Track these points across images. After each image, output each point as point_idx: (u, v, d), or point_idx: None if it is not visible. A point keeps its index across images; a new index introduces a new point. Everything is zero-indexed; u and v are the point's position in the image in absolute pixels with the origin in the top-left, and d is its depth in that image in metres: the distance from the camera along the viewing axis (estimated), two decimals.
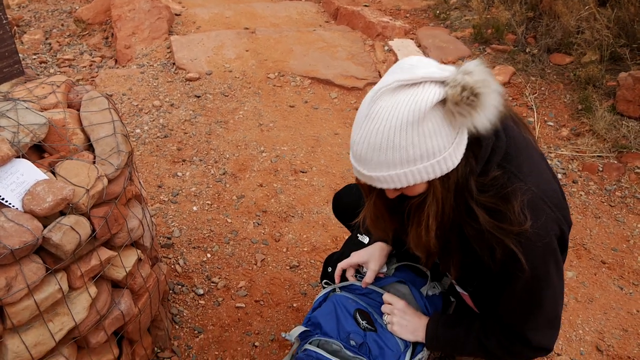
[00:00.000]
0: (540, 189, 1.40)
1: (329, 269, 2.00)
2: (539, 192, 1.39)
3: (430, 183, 1.36)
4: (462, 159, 1.34)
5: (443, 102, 1.24)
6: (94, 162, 1.75)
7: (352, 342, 1.68)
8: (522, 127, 1.54)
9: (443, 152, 1.28)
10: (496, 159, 1.39)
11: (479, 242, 1.44)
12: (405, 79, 1.24)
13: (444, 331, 1.70)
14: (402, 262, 1.92)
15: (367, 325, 1.74)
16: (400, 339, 1.72)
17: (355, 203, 2.12)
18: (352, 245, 2.00)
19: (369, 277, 1.83)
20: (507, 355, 1.60)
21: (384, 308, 1.79)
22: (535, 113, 4.18)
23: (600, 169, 3.66)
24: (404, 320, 1.74)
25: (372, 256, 1.87)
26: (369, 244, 1.94)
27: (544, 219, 1.39)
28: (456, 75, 1.23)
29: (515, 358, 1.61)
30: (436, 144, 1.26)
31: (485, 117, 1.24)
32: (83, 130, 1.84)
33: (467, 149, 1.34)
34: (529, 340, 1.53)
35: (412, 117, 1.22)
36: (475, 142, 1.36)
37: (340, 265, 1.92)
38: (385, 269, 1.89)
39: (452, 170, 1.33)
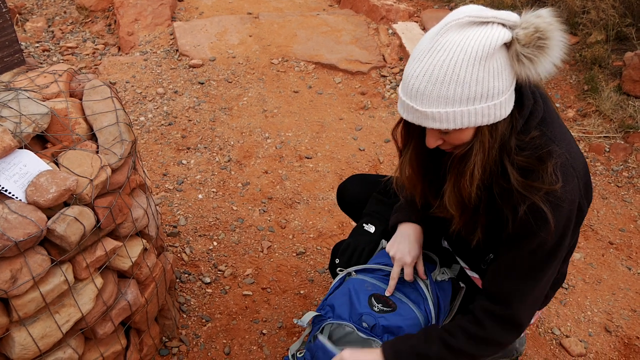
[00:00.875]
0: (572, 156, 1.42)
1: (337, 261, 1.99)
2: (570, 159, 1.40)
3: (478, 131, 1.35)
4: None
5: (508, 46, 1.27)
6: (97, 152, 1.74)
7: (365, 324, 1.67)
8: (550, 101, 1.55)
9: (501, 97, 1.29)
10: (534, 121, 1.41)
11: (505, 201, 1.44)
12: (475, 16, 1.25)
13: (402, 345, 1.59)
14: None
15: (382, 307, 1.72)
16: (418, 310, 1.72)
17: (359, 195, 2.12)
18: (358, 235, 1.98)
19: (421, 271, 1.79)
20: (475, 345, 1.53)
21: None
22: None
23: (607, 150, 3.63)
24: (356, 354, 1.61)
25: (417, 256, 1.80)
26: (374, 233, 1.93)
27: (572, 185, 1.39)
28: (528, 17, 1.25)
29: (482, 345, 1.54)
30: (497, 85, 1.27)
31: (549, 64, 1.26)
32: (86, 120, 1.83)
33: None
34: (509, 306, 1.49)
35: (481, 52, 1.23)
36: (517, 101, 1.38)
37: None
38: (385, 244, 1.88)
39: (501, 122, 1.35)
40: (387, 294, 1.74)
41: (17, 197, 1.51)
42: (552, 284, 1.80)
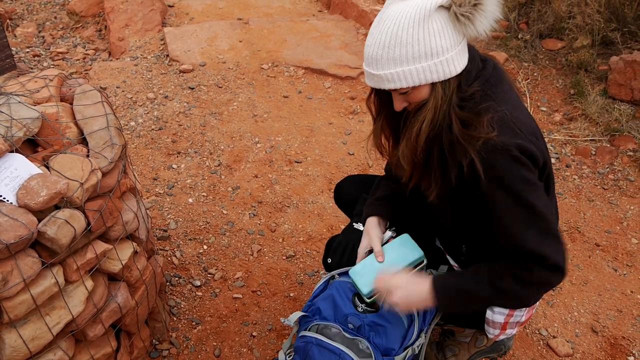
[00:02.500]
0: (513, 115, 1.50)
1: (329, 260, 2.02)
2: (510, 116, 1.49)
3: (433, 87, 1.49)
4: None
5: (448, 10, 1.41)
6: (87, 156, 1.75)
7: (350, 325, 1.70)
8: (510, 79, 1.65)
9: (446, 54, 1.43)
10: (479, 82, 1.52)
11: (452, 155, 1.54)
12: None
13: (452, 284, 1.65)
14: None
15: (366, 307, 1.76)
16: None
17: (357, 193, 2.17)
18: (349, 233, 2.04)
19: (378, 252, 1.82)
20: (525, 288, 1.56)
21: (379, 296, 1.74)
22: (528, 98, 4.19)
23: (593, 153, 3.68)
24: (406, 293, 1.66)
25: (370, 238, 1.88)
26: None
27: (510, 135, 1.46)
28: None
29: (533, 289, 1.58)
30: (439, 44, 1.41)
31: (486, 20, 1.40)
32: (76, 124, 1.85)
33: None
34: (540, 254, 1.50)
35: (418, 16, 1.39)
36: (467, 64, 1.51)
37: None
38: (389, 235, 1.90)
39: (453, 78, 1.48)
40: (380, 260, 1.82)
41: (8, 200, 1.52)
42: None
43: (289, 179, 3.41)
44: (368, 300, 1.74)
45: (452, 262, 1.92)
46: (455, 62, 1.45)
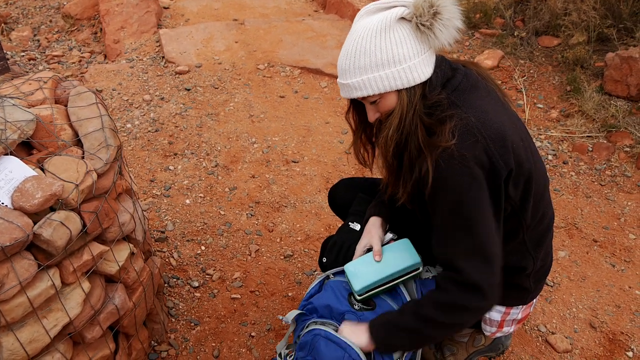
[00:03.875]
0: (480, 121, 1.51)
1: (324, 260, 2.02)
2: (476, 122, 1.50)
3: (399, 96, 1.54)
4: (424, 82, 1.54)
5: (411, 20, 1.47)
6: (82, 157, 1.75)
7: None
8: (491, 82, 1.68)
9: (409, 61, 1.49)
10: (446, 91, 1.56)
11: (414, 160, 1.58)
12: (380, 3, 1.52)
13: (380, 320, 1.68)
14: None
15: (362, 305, 1.76)
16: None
17: (351, 197, 2.17)
18: (344, 233, 2.04)
19: (377, 251, 1.83)
20: (445, 313, 1.57)
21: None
22: (524, 96, 4.20)
23: (590, 149, 3.68)
24: (351, 328, 1.70)
25: (371, 237, 1.90)
26: (360, 231, 1.97)
27: (471, 143, 1.48)
28: None
29: (456, 314, 1.58)
30: (402, 52, 1.48)
31: (447, 30, 1.46)
32: (71, 126, 1.84)
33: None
34: (459, 269, 1.53)
35: (380, 26, 1.48)
36: (433, 73, 1.56)
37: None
38: (389, 237, 1.91)
39: (418, 86, 1.53)
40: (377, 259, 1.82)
41: (3, 203, 1.52)
42: (535, 278, 1.84)
43: (286, 179, 3.41)
44: (359, 298, 1.74)
45: None
46: (418, 70, 1.50)
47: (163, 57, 4.68)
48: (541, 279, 1.89)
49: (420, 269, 1.80)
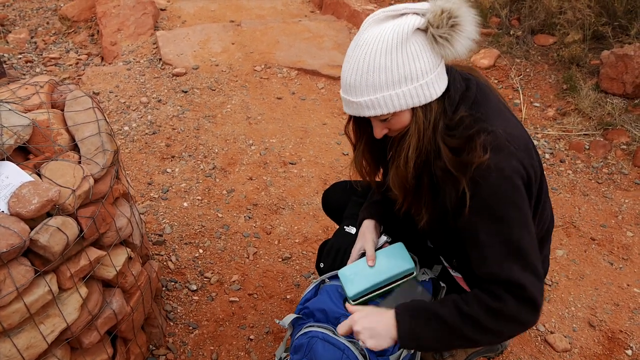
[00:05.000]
0: (507, 132, 1.44)
1: (321, 265, 2.02)
2: (504, 134, 1.43)
3: (414, 113, 1.45)
4: (440, 97, 1.45)
5: (425, 31, 1.38)
6: (79, 162, 1.75)
7: None
8: (492, 89, 1.62)
9: (426, 77, 1.39)
10: (464, 105, 1.48)
11: (444, 182, 1.50)
12: (389, 10, 1.40)
13: (415, 304, 1.55)
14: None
15: None
16: None
17: (344, 200, 2.16)
18: (340, 237, 2.02)
19: (370, 256, 1.79)
20: (492, 318, 1.45)
21: (343, 331, 1.61)
22: (521, 95, 4.20)
23: (587, 147, 3.69)
24: (369, 323, 1.55)
25: (365, 241, 1.86)
26: (356, 234, 1.96)
27: (505, 155, 1.41)
28: (435, 2, 1.36)
29: (502, 323, 1.46)
30: (419, 67, 1.38)
31: (464, 42, 1.37)
32: (68, 130, 1.84)
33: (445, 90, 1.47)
34: (518, 284, 1.42)
35: (396, 40, 1.35)
36: (447, 87, 1.47)
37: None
38: (384, 240, 1.90)
39: (434, 102, 1.44)
40: (370, 264, 1.79)
41: None
42: None
43: (284, 181, 3.41)
44: (353, 304, 1.73)
45: (445, 263, 1.91)
46: (435, 84, 1.42)
47: (160, 59, 4.68)
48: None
49: (415, 273, 1.79)
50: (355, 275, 1.75)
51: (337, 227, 2.13)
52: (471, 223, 1.47)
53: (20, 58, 4.98)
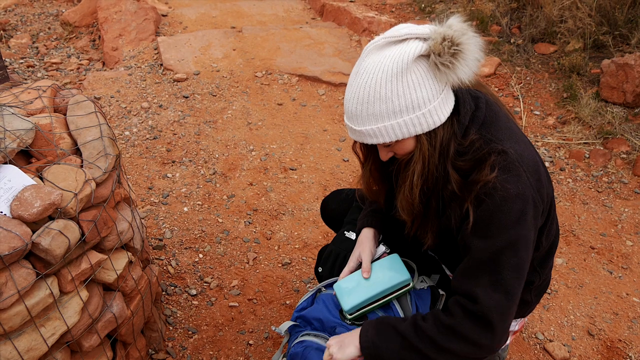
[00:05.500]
0: (517, 153, 1.43)
1: (320, 269, 2.02)
2: (515, 155, 1.42)
3: (418, 140, 1.43)
4: (448, 120, 1.42)
5: (428, 57, 1.33)
6: (81, 166, 1.75)
7: None
8: (501, 104, 1.61)
9: (428, 105, 1.36)
10: (475, 126, 1.46)
11: (449, 202, 1.50)
12: (390, 36, 1.35)
13: (376, 319, 1.60)
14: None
15: (353, 320, 1.75)
16: None
17: (342, 209, 2.16)
18: (340, 242, 2.02)
19: (365, 268, 1.79)
20: (441, 331, 1.46)
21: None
22: (521, 103, 4.21)
23: (587, 156, 3.70)
24: (340, 337, 1.62)
25: (362, 250, 1.85)
26: (356, 239, 1.96)
27: (513, 176, 1.40)
28: (437, 29, 1.32)
29: (449, 334, 1.46)
30: (421, 96, 1.35)
31: (468, 68, 1.32)
32: (70, 135, 1.85)
33: (452, 113, 1.44)
34: (469, 293, 1.44)
35: (396, 69, 1.32)
36: (455, 109, 1.45)
37: (342, 275, 1.86)
38: (382, 250, 1.89)
39: (439, 129, 1.42)
40: (365, 276, 1.78)
41: (1, 212, 1.52)
42: (537, 291, 1.83)
43: (284, 187, 3.41)
44: (349, 317, 1.73)
45: (447, 271, 1.91)
46: (438, 112, 1.38)
47: (161, 64, 4.69)
48: (541, 292, 1.87)
49: (411, 284, 1.78)
50: (351, 288, 1.74)
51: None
52: (468, 236, 1.47)
53: (22, 63, 5.00)
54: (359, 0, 6.23)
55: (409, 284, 1.77)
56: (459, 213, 1.49)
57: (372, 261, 1.83)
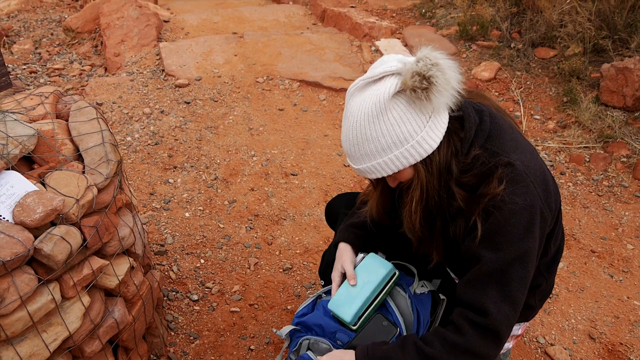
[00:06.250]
0: (525, 164, 1.44)
1: (322, 283, 2.03)
2: (522, 167, 1.43)
3: (415, 167, 1.45)
4: (443, 142, 1.43)
5: (404, 90, 1.36)
6: (83, 172, 1.77)
7: (339, 342, 1.70)
8: (506, 116, 1.61)
9: (415, 137, 1.38)
10: (479, 141, 1.47)
11: (455, 216, 1.51)
12: (368, 77, 1.40)
13: (376, 351, 1.55)
14: (391, 261, 1.94)
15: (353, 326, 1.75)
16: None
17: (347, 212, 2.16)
18: (334, 249, 2.03)
19: (350, 276, 1.79)
20: (452, 354, 1.46)
21: None
22: (521, 107, 4.22)
23: (587, 160, 3.70)
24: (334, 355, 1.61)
25: (342, 262, 1.85)
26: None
27: (521, 188, 1.41)
28: (406, 65, 1.34)
29: (460, 354, 1.47)
30: (405, 129, 1.37)
31: (445, 96, 1.34)
32: (72, 141, 1.86)
33: (450, 132, 1.44)
34: (480, 306, 1.45)
35: (375, 110, 1.37)
36: (458, 125, 1.46)
37: (332, 294, 1.85)
38: (361, 256, 1.90)
39: (434, 153, 1.43)
40: (351, 284, 1.77)
41: (4, 217, 1.53)
42: (540, 296, 1.84)
43: (285, 192, 3.42)
44: (354, 328, 1.73)
45: (452, 274, 1.91)
46: (428, 140, 1.40)
47: (163, 70, 4.71)
48: (545, 297, 1.88)
49: (397, 273, 1.80)
50: (344, 300, 1.74)
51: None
52: (476, 248, 1.48)
53: (24, 69, 5.02)
54: (360, 6, 6.25)
55: (395, 273, 1.79)
56: (465, 226, 1.50)
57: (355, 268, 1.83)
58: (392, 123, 1.37)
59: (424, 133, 1.39)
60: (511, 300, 1.45)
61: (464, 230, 1.51)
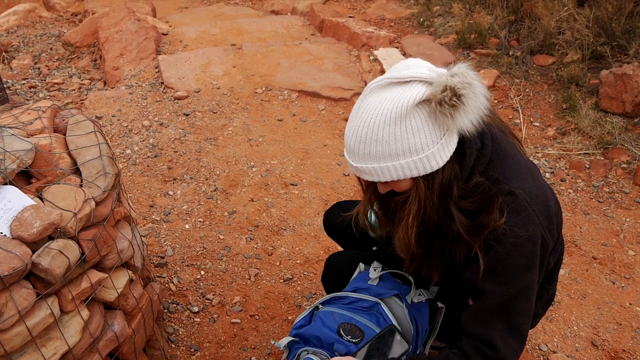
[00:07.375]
0: (526, 191, 1.41)
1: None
2: (523, 195, 1.40)
3: (414, 181, 1.41)
4: (449, 163, 1.38)
5: (430, 101, 1.29)
6: (81, 186, 1.76)
7: (336, 353, 1.70)
8: (509, 134, 1.58)
9: (426, 151, 1.33)
10: (480, 167, 1.43)
11: (453, 241, 1.49)
12: (394, 77, 1.33)
13: None
14: (386, 270, 1.94)
15: (351, 339, 1.74)
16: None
17: (345, 220, 2.16)
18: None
19: None
20: None
21: None
22: (520, 114, 4.22)
23: (587, 166, 3.70)
24: None
25: None
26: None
27: (522, 219, 1.39)
28: (441, 76, 1.28)
29: None
30: (419, 141, 1.32)
31: (467, 119, 1.28)
32: (69, 154, 1.86)
33: (453, 154, 1.39)
34: (488, 340, 1.44)
35: (395, 113, 1.29)
36: (460, 148, 1.41)
37: None
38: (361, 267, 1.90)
39: (437, 171, 1.39)
40: None
41: (1, 232, 1.53)
42: (543, 304, 1.84)
43: (285, 202, 3.42)
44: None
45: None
46: (437, 157, 1.35)
47: (162, 82, 4.73)
48: (548, 304, 1.88)
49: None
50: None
51: (339, 248, 2.12)
52: (479, 281, 1.46)
53: (24, 84, 5.04)
54: (358, 16, 6.27)
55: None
56: (466, 255, 1.49)
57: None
58: (408, 131, 1.31)
59: (435, 149, 1.34)
60: (517, 333, 1.45)
61: (464, 259, 1.49)
